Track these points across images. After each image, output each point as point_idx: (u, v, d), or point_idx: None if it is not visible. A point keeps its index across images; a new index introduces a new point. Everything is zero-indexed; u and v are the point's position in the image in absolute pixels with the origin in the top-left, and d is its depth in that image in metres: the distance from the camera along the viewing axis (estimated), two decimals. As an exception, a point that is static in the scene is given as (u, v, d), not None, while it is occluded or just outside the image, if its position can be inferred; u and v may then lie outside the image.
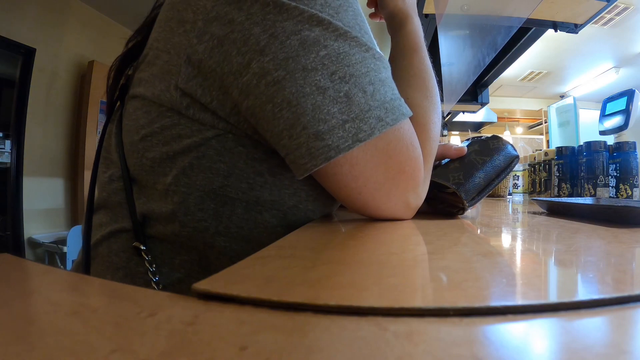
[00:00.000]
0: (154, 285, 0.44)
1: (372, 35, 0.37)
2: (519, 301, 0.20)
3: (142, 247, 0.44)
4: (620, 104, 1.29)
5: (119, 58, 0.53)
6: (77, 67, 3.17)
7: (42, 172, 2.85)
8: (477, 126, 3.64)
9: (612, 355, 0.14)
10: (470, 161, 0.54)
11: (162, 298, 0.22)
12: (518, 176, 1.73)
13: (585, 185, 1.24)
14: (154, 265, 0.44)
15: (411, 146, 0.38)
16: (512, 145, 0.57)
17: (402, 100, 0.37)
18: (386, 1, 0.58)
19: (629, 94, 1.27)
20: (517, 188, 1.75)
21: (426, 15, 1.51)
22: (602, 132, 1.39)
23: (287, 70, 0.32)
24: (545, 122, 4.55)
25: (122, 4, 3.06)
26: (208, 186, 0.42)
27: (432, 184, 0.51)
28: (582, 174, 1.28)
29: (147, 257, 0.44)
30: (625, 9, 2.87)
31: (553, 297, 0.22)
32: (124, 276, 0.45)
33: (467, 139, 0.60)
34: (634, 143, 1.13)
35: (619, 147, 1.15)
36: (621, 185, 1.12)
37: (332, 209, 0.53)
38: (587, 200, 0.96)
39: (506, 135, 5.84)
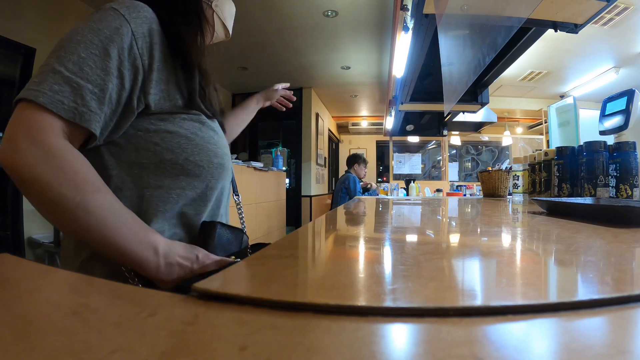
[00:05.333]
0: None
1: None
2: (519, 301, 0.20)
3: None
4: (620, 104, 1.29)
5: None
6: (77, 67, 3.16)
7: (42, 172, 2.83)
8: (477, 126, 3.64)
9: (612, 355, 0.14)
10: None
11: (162, 298, 0.22)
12: (518, 176, 1.73)
13: (585, 185, 1.24)
14: None
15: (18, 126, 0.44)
16: None
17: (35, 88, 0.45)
18: None
19: (629, 94, 1.27)
20: (517, 188, 1.75)
21: (426, 15, 1.50)
22: (602, 132, 1.38)
23: None
24: (545, 122, 4.55)
25: (122, 4, 3.06)
26: None
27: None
28: (582, 174, 1.28)
29: None
30: (625, 9, 2.86)
31: (553, 297, 0.22)
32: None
33: None
34: (634, 143, 1.13)
35: (619, 147, 1.15)
36: (621, 185, 1.12)
37: None
38: (587, 200, 0.96)
39: (506, 135, 5.84)
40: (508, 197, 1.86)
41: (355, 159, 4.09)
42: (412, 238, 0.55)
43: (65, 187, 0.43)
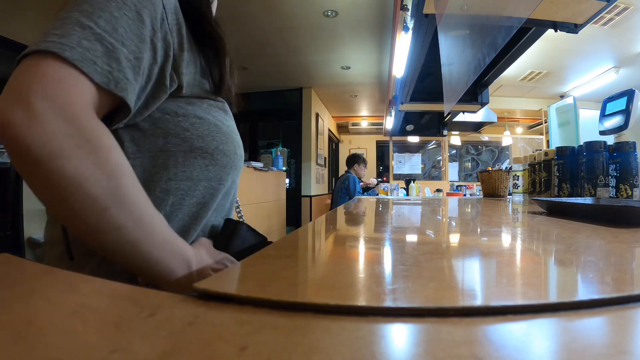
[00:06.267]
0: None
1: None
2: (519, 301, 0.20)
3: None
4: (620, 104, 1.29)
5: None
6: (77, 67, 3.16)
7: (42, 172, 2.83)
8: (477, 126, 3.63)
9: (612, 355, 0.14)
10: None
11: (162, 298, 0.22)
12: (518, 176, 1.73)
13: (585, 185, 1.24)
14: None
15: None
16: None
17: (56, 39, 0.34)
18: None
19: (629, 94, 1.27)
20: (517, 188, 1.75)
21: (426, 15, 1.50)
22: (602, 132, 1.38)
23: None
24: (545, 122, 4.55)
25: (122, 4, 3.06)
26: None
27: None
28: (582, 174, 1.28)
29: None
30: (625, 9, 2.86)
31: (553, 297, 0.22)
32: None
33: None
34: (634, 143, 1.13)
35: (619, 147, 1.15)
36: (621, 185, 1.12)
37: None
38: (587, 200, 0.96)
39: (506, 135, 5.84)
40: (508, 197, 1.86)
41: (355, 159, 4.09)
42: (412, 238, 0.55)
43: (95, 170, 0.33)
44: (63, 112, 0.32)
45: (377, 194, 4.35)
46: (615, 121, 1.31)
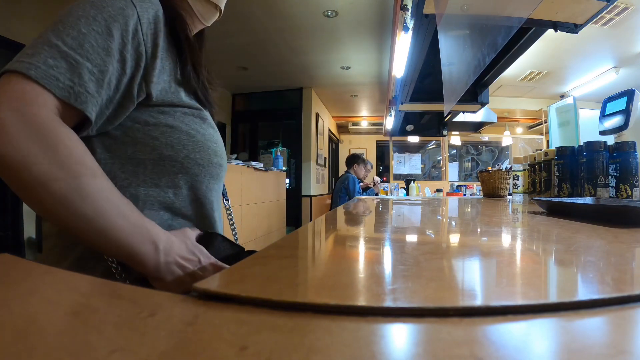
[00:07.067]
0: (117, 276, 0.46)
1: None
2: (519, 301, 0.20)
3: None
4: (620, 104, 1.29)
5: None
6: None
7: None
8: (477, 126, 3.63)
9: (612, 355, 0.14)
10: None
11: (162, 298, 0.22)
12: (518, 176, 1.73)
13: (585, 185, 1.24)
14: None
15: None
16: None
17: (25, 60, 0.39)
18: None
19: (629, 94, 1.27)
20: (517, 188, 1.75)
21: (426, 16, 1.50)
22: (602, 132, 1.38)
23: None
24: (545, 122, 4.55)
25: (122, 4, 3.06)
26: None
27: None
28: (582, 174, 1.28)
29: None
30: (625, 9, 2.86)
31: (553, 297, 0.22)
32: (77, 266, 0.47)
33: None
34: (634, 143, 1.13)
35: (619, 147, 1.15)
36: (621, 185, 1.12)
37: None
38: (587, 200, 0.96)
39: (506, 135, 5.84)
40: (508, 197, 1.86)
41: (354, 159, 4.09)
42: (412, 238, 0.55)
43: (57, 168, 0.37)
44: (26, 121, 0.37)
45: (377, 194, 4.35)
46: (615, 121, 1.31)
